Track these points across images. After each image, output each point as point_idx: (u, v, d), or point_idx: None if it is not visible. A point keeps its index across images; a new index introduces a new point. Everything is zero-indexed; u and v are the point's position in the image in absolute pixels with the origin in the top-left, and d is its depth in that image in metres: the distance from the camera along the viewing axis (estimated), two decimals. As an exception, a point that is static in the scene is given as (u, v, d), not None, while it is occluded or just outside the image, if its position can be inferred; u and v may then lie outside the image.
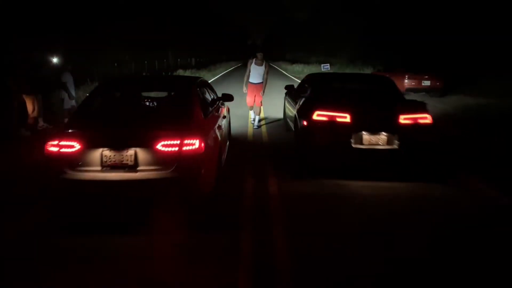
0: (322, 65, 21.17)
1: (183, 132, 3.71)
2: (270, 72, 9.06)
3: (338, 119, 5.23)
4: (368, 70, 22.98)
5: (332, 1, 31.86)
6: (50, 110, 8.82)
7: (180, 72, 25.62)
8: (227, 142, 5.78)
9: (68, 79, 8.67)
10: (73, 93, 8.72)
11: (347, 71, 26.45)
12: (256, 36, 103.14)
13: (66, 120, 8.48)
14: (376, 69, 19.49)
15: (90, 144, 3.64)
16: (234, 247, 3.35)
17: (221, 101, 5.67)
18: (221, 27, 64.51)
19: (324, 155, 5.42)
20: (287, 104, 8.01)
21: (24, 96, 8.06)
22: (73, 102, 8.66)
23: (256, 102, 8.40)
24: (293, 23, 51.09)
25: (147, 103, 5.40)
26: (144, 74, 23.35)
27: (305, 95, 6.46)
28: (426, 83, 13.70)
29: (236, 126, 8.27)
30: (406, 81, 13.77)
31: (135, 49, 25.43)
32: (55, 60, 10.74)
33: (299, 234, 3.62)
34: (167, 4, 33.14)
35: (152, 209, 3.75)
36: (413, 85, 13.79)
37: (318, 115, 5.30)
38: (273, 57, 58.29)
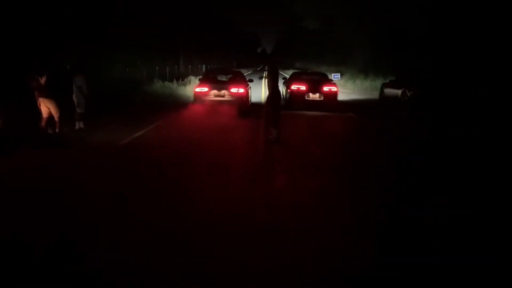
0: (332, 74, 21.15)
1: (240, 87, 12.15)
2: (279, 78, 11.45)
3: (300, 88, 13.69)
4: (379, 81, 22.88)
5: (346, 10, 31.78)
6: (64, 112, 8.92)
7: (191, 78, 25.75)
8: (250, 97, 13.50)
9: (83, 83, 8.84)
10: (85, 98, 9.01)
11: (358, 81, 26.67)
12: (266, 44, 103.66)
13: (78, 124, 8.69)
14: (388, 79, 19.38)
15: (209, 89, 12.08)
16: (255, 121, 10.81)
17: (249, 81, 13.95)
18: (231, 35, 64.95)
19: (296, 102, 13.63)
20: (283, 85, 14.77)
21: (41, 99, 8.24)
22: (81, 108, 9.03)
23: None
24: (305, 32, 51.10)
25: (225, 79, 13.49)
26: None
27: (288, 80, 15.13)
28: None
29: (253, 96, 14.81)
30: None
31: (146, 54, 25.59)
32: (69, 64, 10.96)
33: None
34: (178, 10, 33.37)
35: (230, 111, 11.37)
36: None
37: (292, 86, 13.88)
38: (283, 65, 58.36)
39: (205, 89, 11.98)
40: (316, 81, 13.82)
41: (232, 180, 5.44)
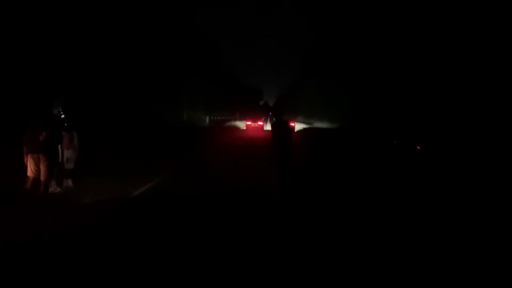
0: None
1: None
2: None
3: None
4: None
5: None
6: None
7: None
8: None
9: (75, 136, 7.63)
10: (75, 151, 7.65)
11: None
12: (269, 97, 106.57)
13: (67, 182, 7.45)
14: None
15: (248, 121, 38.88)
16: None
17: None
18: (235, 87, 67.06)
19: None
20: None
21: (32, 155, 6.55)
22: (71, 164, 7.55)
23: None
24: (307, 87, 52.74)
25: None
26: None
27: None
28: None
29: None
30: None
31: (149, 98, 25.92)
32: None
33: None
34: (186, 62, 34.78)
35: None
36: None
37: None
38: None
39: (249, 122, 37.34)
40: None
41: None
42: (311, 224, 5.92)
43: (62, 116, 7.18)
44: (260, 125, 37.66)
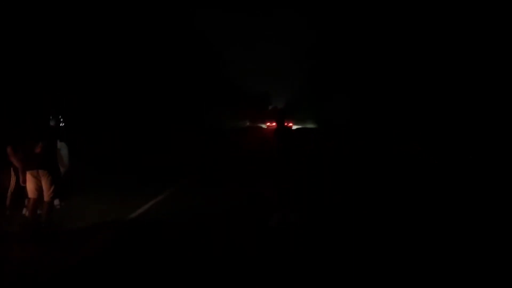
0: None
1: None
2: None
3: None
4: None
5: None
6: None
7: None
8: None
9: (62, 146, 6.85)
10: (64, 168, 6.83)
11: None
12: (277, 101, 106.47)
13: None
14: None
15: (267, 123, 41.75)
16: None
17: None
18: (242, 94, 67.35)
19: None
20: None
21: (32, 172, 5.67)
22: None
23: None
24: (315, 89, 52.52)
25: None
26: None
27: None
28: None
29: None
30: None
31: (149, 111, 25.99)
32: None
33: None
34: (189, 72, 34.95)
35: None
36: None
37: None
38: (304, 122, 59.72)
39: None
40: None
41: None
42: (311, 224, 6.00)
43: (62, 124, 6.78)
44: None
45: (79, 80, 16.17)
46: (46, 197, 5.59)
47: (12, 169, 6.17)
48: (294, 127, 32.29)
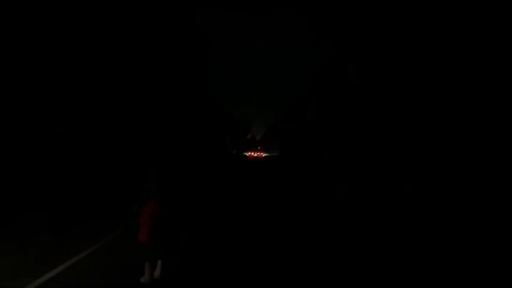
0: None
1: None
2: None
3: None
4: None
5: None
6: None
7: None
8: None
9: None
10: None
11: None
12: (256, 130, 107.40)
13: None
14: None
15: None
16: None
17: None
18: (223, 121, 67.60)
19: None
20: None
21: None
22: None
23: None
24: (296, 121, 53.54)
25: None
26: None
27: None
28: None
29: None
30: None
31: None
32: None
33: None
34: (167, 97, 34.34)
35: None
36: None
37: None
38: (270, 151, 61.95)
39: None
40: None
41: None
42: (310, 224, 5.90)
43: None
44: (259, 154, 56.62)
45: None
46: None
47: None
48: (264, 155, 38.65)
